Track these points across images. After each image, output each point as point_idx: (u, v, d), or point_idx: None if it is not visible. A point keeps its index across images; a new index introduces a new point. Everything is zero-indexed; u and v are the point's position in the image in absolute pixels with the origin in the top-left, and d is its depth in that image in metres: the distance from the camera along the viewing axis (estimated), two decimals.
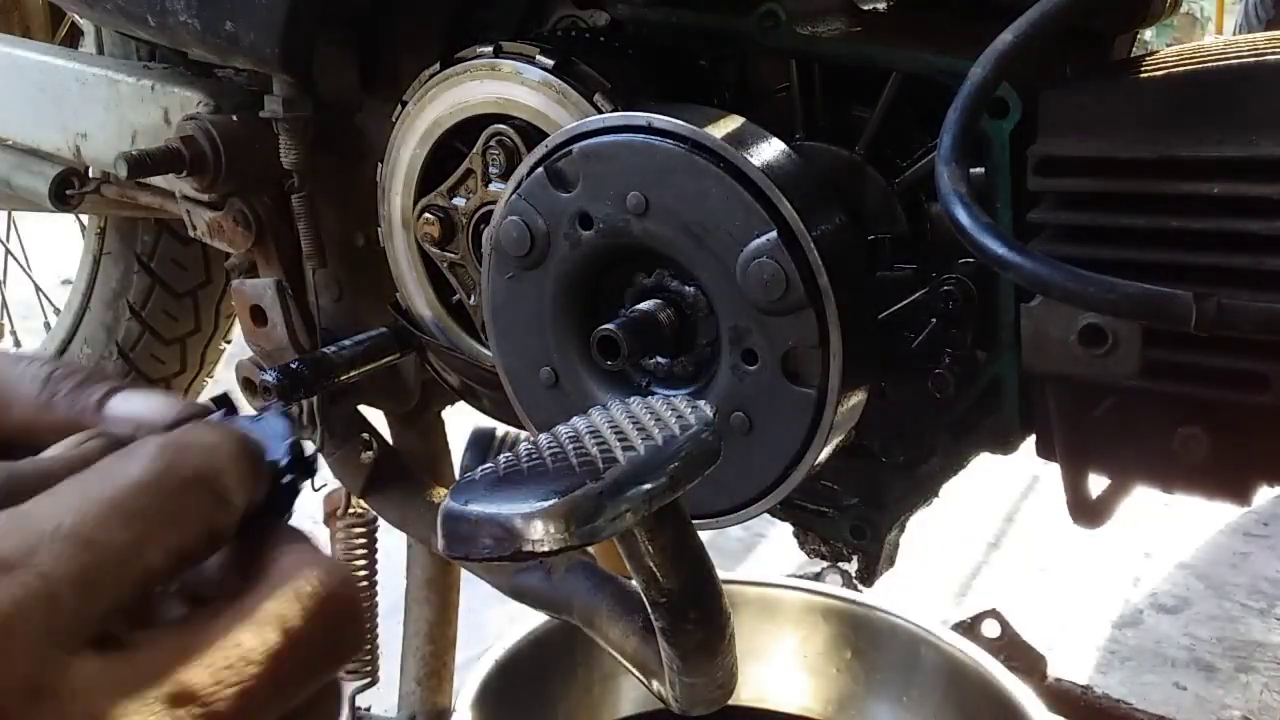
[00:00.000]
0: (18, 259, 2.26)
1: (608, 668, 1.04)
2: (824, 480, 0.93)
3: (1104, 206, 0.71)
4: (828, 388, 0.67)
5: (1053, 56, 0.83)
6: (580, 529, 0.42)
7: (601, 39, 0.97)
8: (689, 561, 0.50)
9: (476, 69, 0.90)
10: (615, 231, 0.69)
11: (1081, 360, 0.69)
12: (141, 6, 1.05)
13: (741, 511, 0.73)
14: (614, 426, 0.48)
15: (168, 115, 1.17)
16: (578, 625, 0.57)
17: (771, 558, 2.48)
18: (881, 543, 0.92)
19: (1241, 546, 2.79)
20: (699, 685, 0.53)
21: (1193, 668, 2.31)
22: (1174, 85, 0.72)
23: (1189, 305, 0.57)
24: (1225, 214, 0.67)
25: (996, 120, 0.77)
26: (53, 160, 1.34)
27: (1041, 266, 0.60)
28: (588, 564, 0.58)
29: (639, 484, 0.44)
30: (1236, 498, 0.75)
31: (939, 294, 0.80)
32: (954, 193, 0.64)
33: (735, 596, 1.04)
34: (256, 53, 0.99)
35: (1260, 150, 0.66)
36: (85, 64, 1.29)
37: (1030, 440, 0.83)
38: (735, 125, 0.70)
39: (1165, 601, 2.56)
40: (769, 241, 0.65)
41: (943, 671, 1.01)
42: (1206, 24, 8.26)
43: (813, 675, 1.08)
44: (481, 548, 0.42)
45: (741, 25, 0.87)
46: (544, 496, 0.42)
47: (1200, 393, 0.70)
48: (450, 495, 0.44)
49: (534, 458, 0.46)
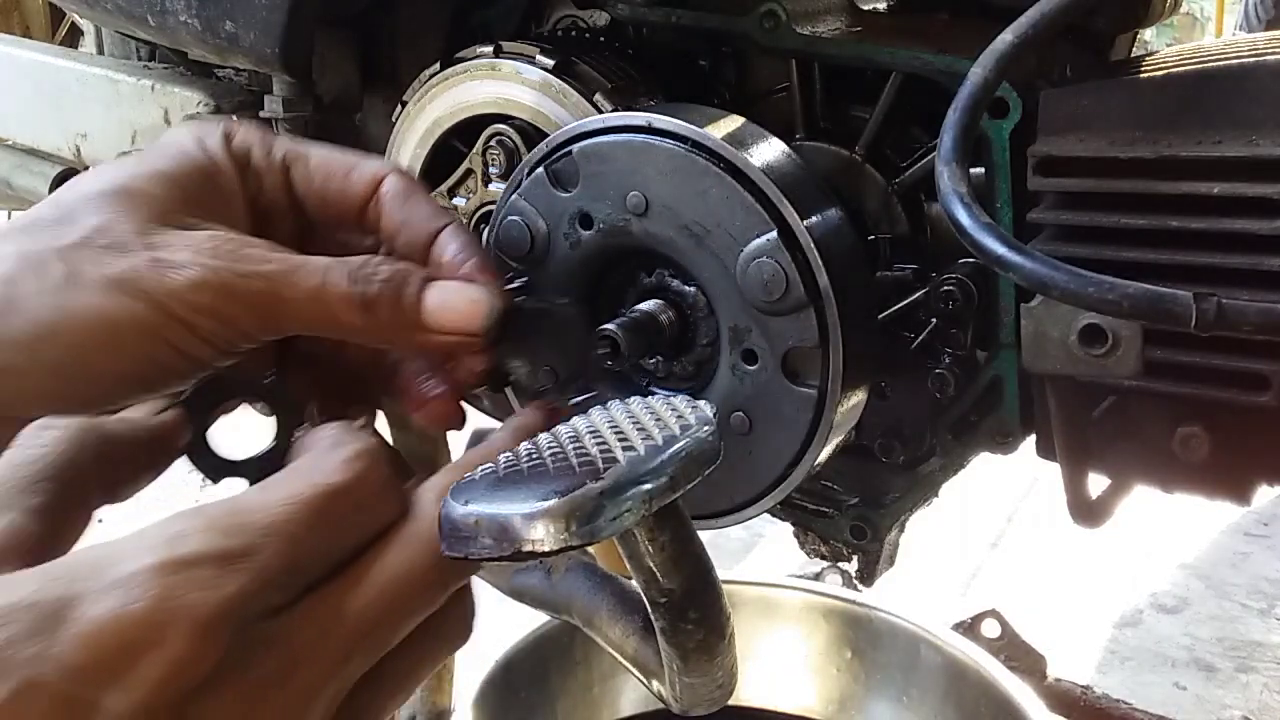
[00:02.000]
0: None
1: (608, 668, 1.04)
2: (824, 480, 0.93)
3: (1104, 206, 0.71)
4: (828, 388, 0.67)
5: (1053, 56, 0.83)
6: (580, 529, 0.42)
7: (601, 39, 0.97)
8: (689, 561, 0.50)
9: (476, 69, 0.90)
10: (615, 231, 0.69)
11: (1081, 360, 0.69)
12: (141, 6, 1.05)
13: (741, 511, 0.72)
14: (614, 426, 0.48)
15: (168, 115, 1.17)
16: (578, 625, 0.57)
17: (771, 558, 2.48)
18: (881, 543, 0.92)
19: (1241, 546, 2.79)
20: (699, 685, 0.53)
21: (1193, 668, 2.31)
22: (1174, 85, 0.72)
23: (1189, 305, 0.57)
24: (1225, 214, 0.67)
25: (996, 120, 0.77)
26: (53, 160, 1.34)
27: (1041, 266, 0.60)
28: (588, 564, 0.58)
29: (639, 484, 0.44)
30: (1236, 498, 0.75)
31: (939, 294, 0.80)
32: (954, 193, 0.64)
33: (735, 596, 1.04)
34: (256, 53, 0.99)
35: (1260, 150, 0.66)
36: (85, 64, 1.29)
37: (1030, 440, 0.83)
38: (735, 125, 0.70)
39: (1165, 601, 2.56)
40: (769, 241, 0.65)
41: (943, 671, 1.01)
42: (1206, 24, 8.26)
43: (813, 675, 1.08)
44: (481, 548, 0.42)
45: (741, 25, 0.87)
46: (544, 496, 0.42)
47: (1200, 393, 0.70)
48: (450, 495, 0.44)
49: (534, 458, 0.46)
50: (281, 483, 0.43)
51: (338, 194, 0.59)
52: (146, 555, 0.37)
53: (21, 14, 1.95)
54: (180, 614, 0.36)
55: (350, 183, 0.59)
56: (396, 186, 0.60)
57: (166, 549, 0.38)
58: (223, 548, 0.39)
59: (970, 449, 0.87)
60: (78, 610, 0.36)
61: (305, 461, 0.45)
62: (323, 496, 0.42)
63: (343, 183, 0.59)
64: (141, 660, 0.36)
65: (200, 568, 0.37)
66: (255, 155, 0.58)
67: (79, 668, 0.35)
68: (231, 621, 0.38)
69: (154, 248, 0.50)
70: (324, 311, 0.53)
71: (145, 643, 0.36)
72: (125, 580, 0.36)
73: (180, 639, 0.36)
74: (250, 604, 0.39)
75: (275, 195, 0.58)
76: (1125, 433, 0.75)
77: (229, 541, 0.39)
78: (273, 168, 0.58)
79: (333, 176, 0.59)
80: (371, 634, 0.43)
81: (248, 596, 0.38)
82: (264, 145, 0.58)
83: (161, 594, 0.36)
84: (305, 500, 0.42)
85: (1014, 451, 0.86)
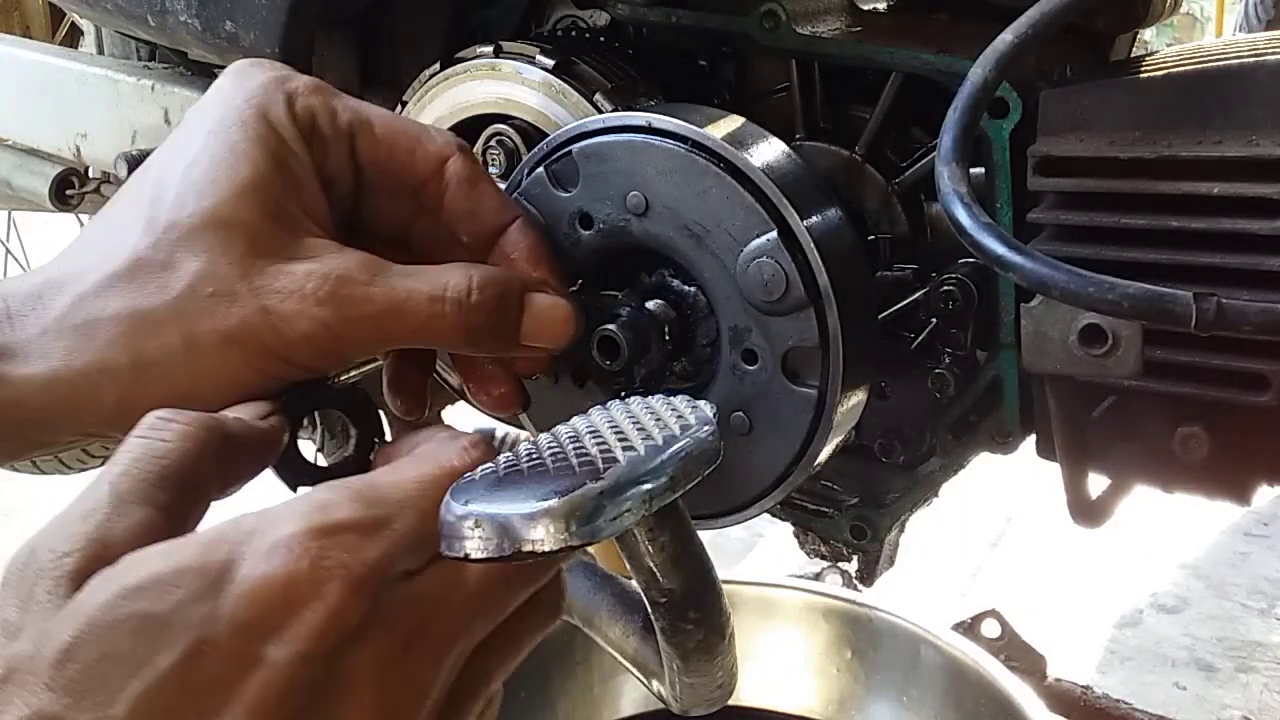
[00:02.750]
0: (18, 259, 2.26)
1: (608, 668, 1.04)
2: (824, 480, 0.93)
3: (1104, 206, 0.71)
4: (828, 387, 0.67)
5: (1053, 56, 0.83)
6: (580, 529, 0.42)
7: (601, 39, 0.97)
8: (689, 561, 0.50)
9: (476, 69, 0.90)
10: (615, 231, 0.69)
11: (1081, 360, 0.69)
12: (141, 6, 1.05)
13: (742, 512, 0.72)
14: (614, 426, 0.48)
15: (168, 115, 1.17)
16: (578, 625, 0.57)
17: (771, 558, 2.48)
18: (881, 543, 0.92)
19: (1241, 546, 2.79)
20: (699, 685, 0.53)
21: (1193, 668, 2.31)
22: (1174, 85, 0.72)
23: (1189, 305, 0.57)
24: (1225, 214, 0.67)
25: (996, 120, 0.77)
26: (53, 160, 1.34)
27: (1041, 266, 0.60)
28: (588, 564, 0.58)
29: (639, 484, 0.44)
30: (1236, 498, 0.75)
31: (939, 294, 0.80)
32: (954, 193, 0.64)
33: (735, 596, 1.04)
34: (256, 53, 0.99)
35: (1260, 150, 0.66)
36: (85, 64, 1.29)
37: (1030, 440, 0.83)
38: (735, 125, 0.70)
39: (1165, 601, 2.55)
40: (769, 241, 0.65)
41: (943, 671, 1.01)
42: (1206, 24, 8.25)
43: (813, 675, 1.08)
44: (481, 548, 0.42)
45: (741, 25, 0.87)
46: (544, 496, 0.42)
47: (1200, 393, 0.70)
48: (450, 495, 0.44)
49: (534, 458, 0.46)
50: (411, 464, 0.48)
51: (402, 168, 0.60)
52: (300, 521, 0.41)
53: (21, 14, 1.95)
54: (334, 573, 0.40)
55: (416, 159, 0.60)
56: (462, 171, 0.61)
57: (320, 515, 0.42)
58: (366, 516, 0.43)
59: (970, 449, 0.87)
60: (240, 571, 0.40)
61: (429, 449, 0.49)
62: (448, 476, 0.46)
63: (407, 158, 0.60)
64: (299, 614, 0.40)
65: (348, 534, 0.42)
66: (321, 123, 0.58)
67: (244, 624, 0.39)
68: (375, 581, 0.42)
69: (260, 294, 0.53)
70: (430, 338, 0.57)
71: (303, 599, 0.40)
72: (283, 543, 0.41)
73: (333, 595, 0.40)
74: (390, 567, 0.43)
75: (340, 162, 0.59)
76: (1125, 433, 0.75)
77: (371, 511, 0.43)
78: (340, 135, 0.59)
79: (397, 151, 0.60)
80: (488, 598, 0.46)
81: (388, 560, 0.42)
82: (328, 112, 0.58)
83: (317, 555, 0.40)
84: (434, 479, 0.46)
85: (1014, 451, 0.86)
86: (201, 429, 0.47)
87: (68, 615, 0.40)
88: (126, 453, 0.45)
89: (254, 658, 0.39)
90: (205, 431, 0.47)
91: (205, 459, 0.46)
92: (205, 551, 0.41)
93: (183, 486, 0.45)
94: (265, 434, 0.52)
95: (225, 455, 0.48)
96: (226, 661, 0.39)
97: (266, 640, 0.40)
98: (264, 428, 0.52)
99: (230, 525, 0.42)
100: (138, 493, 0.43)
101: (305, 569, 0.40)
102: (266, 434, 0.52)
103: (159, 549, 0.41)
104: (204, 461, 0.46)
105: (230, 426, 0.49)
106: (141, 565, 0.40)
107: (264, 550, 0.41)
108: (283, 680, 0.39)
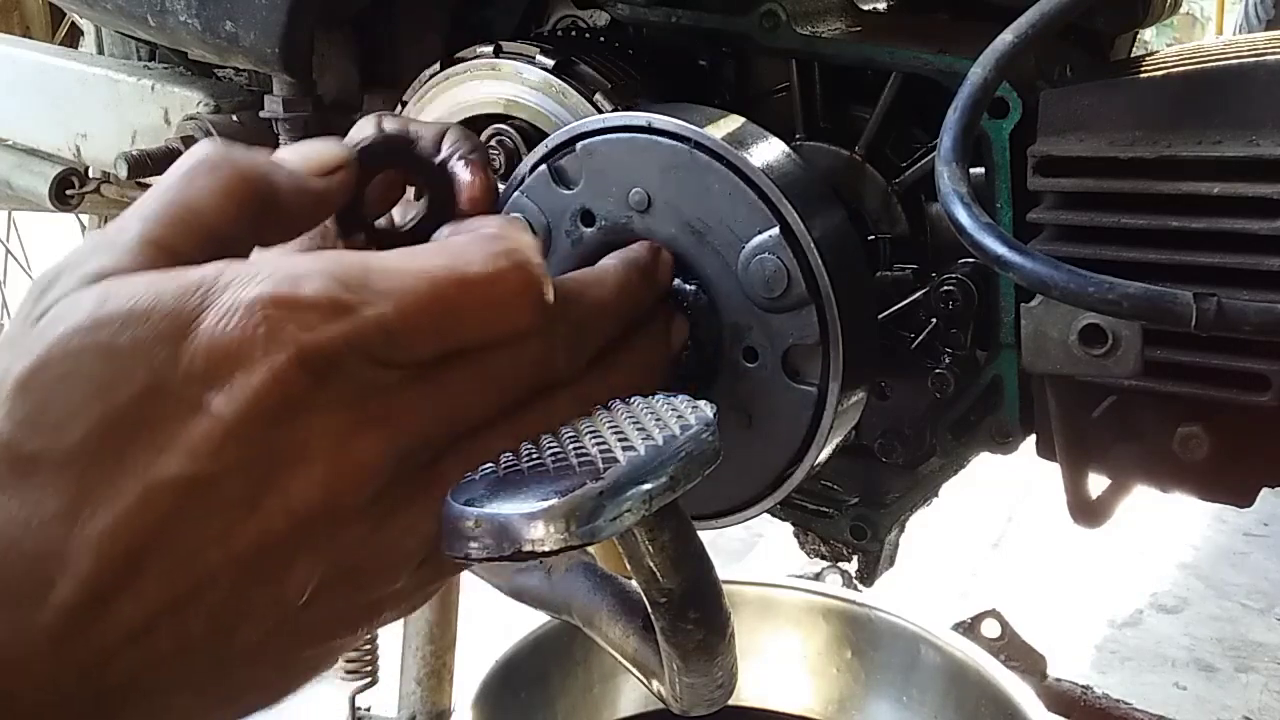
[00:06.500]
0: (18, 259, 2.26)
1: (608, 668, 1.04)
2: (824, 480, 0.93)
3: (1104, 206, 0.71)
4: (828, 386, 0.67)
5: (1053, 56, 0.83)
6: (580, 529, 0.42)
7: (601, 39, 0.97)
8: (689, 561, 0.50)
9: (476, 69, 0.90)
10: (617, 228, 0.69)
11: (1081, 360, 0.69)
12: (141, 6, 1.05)
13: (742, 511, 0.72)
14: (614, 426, 0.48)
15: (168, 115, 1.17)
16: (578, 625, 0.57)
17: (771, 558, 2.48)
18: (881, 543, 0.92)
19: (1241, 546, 2.79)
20: (699, 685, 0.53)
21: (1193, 668, 2.31)
22: (1174, 85, 0.72)
23: (1189, 305, 0.57)
24: (1225, 214, 0.67)
25: (996, 120, 0.77)
26: (53, 160, 1.34)
27: (1041, 266, 0.60)
28: (588, 564, 0.58)
29: (639, 484, 0.44)
30: (1236, 498, 0.75)
31: (939, 294, 0.80)
32: (954, 193, 0.64)
33: (735, 596, 1.04)
34: (256, 53, 0.99)
35: (1260, 150, 0.66)
36: (85, 64, 1.29)
37: (1030, 440, 0.83)
38: (735, 125, 0.70)
39: (1165, 601, 2.56)
40: (771, 238, 0.65)
41: (943, 671, 1.01)
42: (1206, 24, 8.25)
43: (813, 675, 1.08)
44: (481, 548, 0.42)
45: (741, 25, 0.87)
46: (544, 496, 0.42)
47: (1200, 393, 0.70)
48: (450, 495, 0.44)
49: (534, 458, 0.46)
50: (424, 254, 0.46)
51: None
52: (269, 285, 0.41)
53: (21, 14, 1.95)
54: (284, 346, 0.41)
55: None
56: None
57: (289, 286, 0.41)
58: (336, 298, 0.42)
59: (970, 449, 0.87)
60: (203, 323, 0.41)
61: (457, 242, 0.47)
62: (454, 283, 0.44)
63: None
64: (246, 373, 0.40)
65: (309, 312, 0.41)
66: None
67: (197, 374, 0.40)
68: (323, 361, 0.41)
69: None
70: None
71: (250, 360, 0.40)
72: (244, 305, 0.41)
73: (278, 364, 0.41)
74: (345, 352, 0.42)
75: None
76: (1125, 433, 0.75)
77: (343, 295, 0.42)
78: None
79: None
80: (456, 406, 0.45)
81: (344, 344, 0.42)
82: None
83: (274, 323, 0.41)
84: (436, 279, 0.44)
85: (1014, 451, 0.86)
86: (246, 187, 0.46)
87: (36, 337, 0.40)
88: (161, 197, 0.45)
89: (200, 404, 0.40)
90: (250, 191, 0.46)
91: (242, 220, 0.46)
92: (183, 294, 0.41)
93: (212, 238, 0.45)
94: (320, 194, 0.50)
95: (267, 216, 0.47)
96: (176, 404, 0.40)
97: (212, 390, 0.40)
98: (319, 188, 0.50)
99: (215, 270, 0.42)
100: (164, 239, 0.44)
101: (259, 335, 0.41)
102: (322, 195, 0.50)
103: (145, 279, 0.42)
104: (241, 223, 0.46)
105: (281, 184, 0.48)
106: (123, 290, 0.41)
107: (226, 307, 0.41)
108: (221, 431, 0.40)
